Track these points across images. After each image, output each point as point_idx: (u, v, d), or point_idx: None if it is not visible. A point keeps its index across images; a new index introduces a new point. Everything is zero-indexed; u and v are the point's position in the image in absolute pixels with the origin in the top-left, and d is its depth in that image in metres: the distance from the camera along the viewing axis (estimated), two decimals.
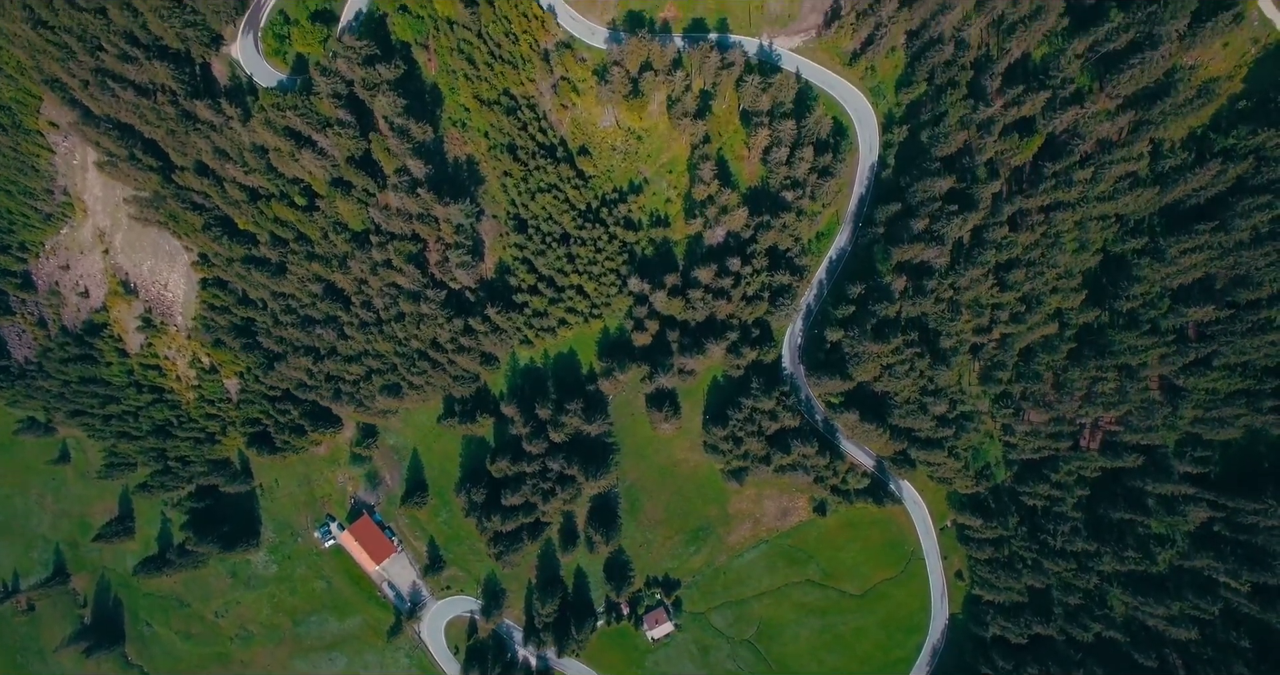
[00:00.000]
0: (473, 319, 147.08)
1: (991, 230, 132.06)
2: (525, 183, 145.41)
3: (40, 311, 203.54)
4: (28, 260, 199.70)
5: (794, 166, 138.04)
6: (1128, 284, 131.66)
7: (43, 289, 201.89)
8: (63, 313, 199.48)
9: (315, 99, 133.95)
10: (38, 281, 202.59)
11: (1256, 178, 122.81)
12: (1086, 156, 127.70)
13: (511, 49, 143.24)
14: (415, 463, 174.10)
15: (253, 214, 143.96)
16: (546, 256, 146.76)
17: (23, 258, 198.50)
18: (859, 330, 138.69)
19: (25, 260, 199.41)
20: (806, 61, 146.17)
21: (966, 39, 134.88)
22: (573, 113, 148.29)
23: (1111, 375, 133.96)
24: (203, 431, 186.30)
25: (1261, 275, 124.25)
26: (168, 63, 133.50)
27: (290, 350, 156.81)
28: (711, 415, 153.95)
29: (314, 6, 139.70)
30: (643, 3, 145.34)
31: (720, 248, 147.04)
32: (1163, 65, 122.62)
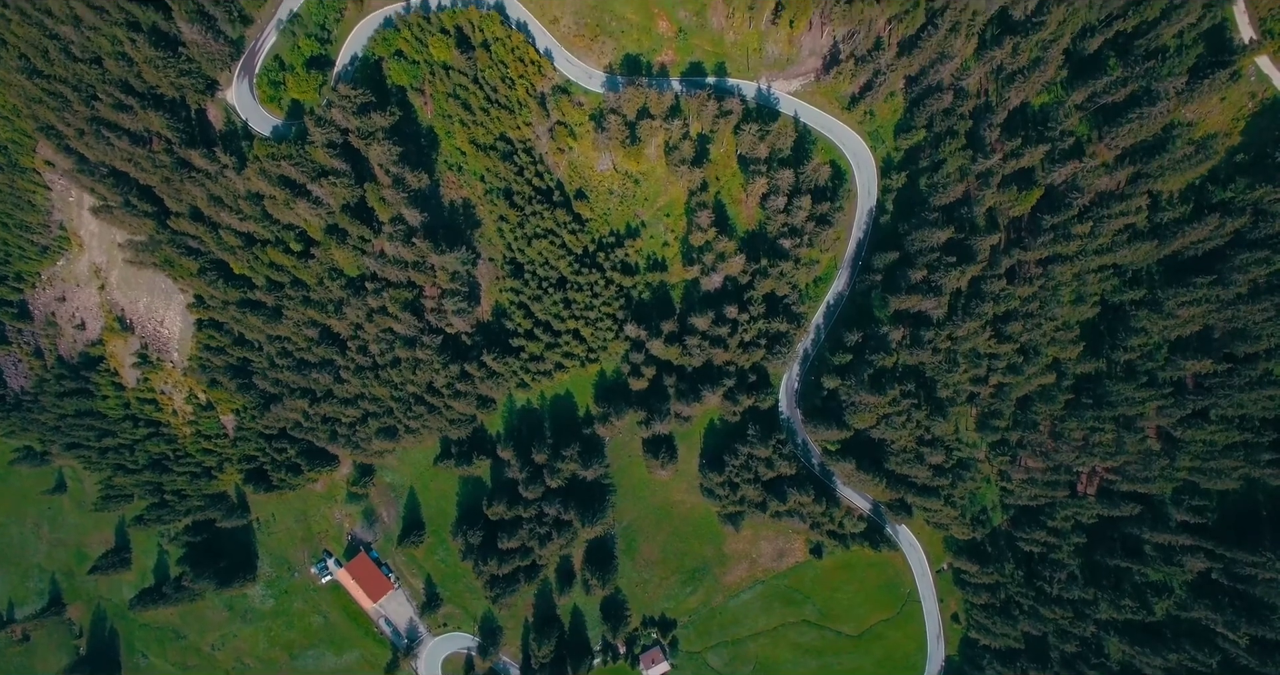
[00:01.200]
0: (469, 365, 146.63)
1: (989, 282, 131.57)
2: (521, 228, 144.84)
3: (36, 341, 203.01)
4: (23, 290, 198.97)
5: (792, 214, 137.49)
6: (1125, 335, 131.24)
7: (39, 319, 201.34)
8: (59, 343, 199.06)
9: (310, 148, 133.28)
10: (34, 311, 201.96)
11: (1254, 232, 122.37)
12: (1085, 209, 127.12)
13: (508, 93, 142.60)
14: (412, 501, 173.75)
15: (248, 259, 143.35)
16: (543, 301, 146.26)
17: (18, 288, 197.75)
18: (855, 379, 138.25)
19: (21, 290, 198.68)
20: (805, 105, 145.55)
21: (966, 88, 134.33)
22: (569, 156, 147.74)
23: (1109, 426, 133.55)
24: (199, 466, 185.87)
25: (1260, 329, 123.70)
26: (163, 112, 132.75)
27: (286, 392, 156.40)
28: (708, 459, 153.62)
29: (309, 52, 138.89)
30: (640, 47, 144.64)
31: (717, 293, 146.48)
32: (1161, 120, 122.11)
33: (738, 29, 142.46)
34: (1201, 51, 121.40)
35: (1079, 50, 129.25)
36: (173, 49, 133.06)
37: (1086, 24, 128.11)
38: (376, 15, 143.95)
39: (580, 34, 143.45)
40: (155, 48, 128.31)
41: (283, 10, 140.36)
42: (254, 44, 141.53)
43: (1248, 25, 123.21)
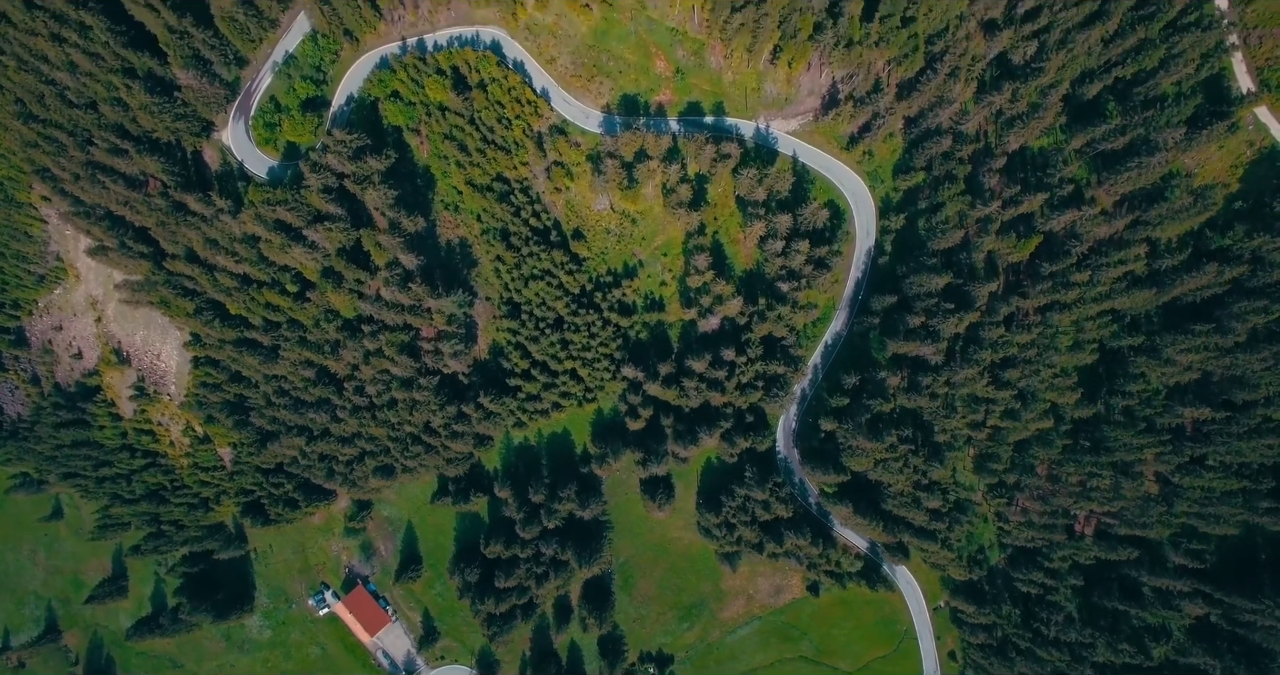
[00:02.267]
0: (465, 405, 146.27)
1: (987, 329, 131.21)
2: (518, 269, 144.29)
3: (33, 368, 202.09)
4: (20, 318, 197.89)
5: (789, 257, 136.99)
6: (1124, 381, 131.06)
7: (35, 346, 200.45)
8: (55, 370, 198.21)
9: (305, 192, 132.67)
10: (30, 339, 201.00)
11: (1253, 280, 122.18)
12: (1084, 257, 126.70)
13: (504, 134, 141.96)
14: (410, 534, 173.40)
15: (244, 300, 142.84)
16: (540, 342, 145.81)
17: (15, 315, 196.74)
18: (853, 423, 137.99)
19: (18, 317, 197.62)
20: (803, 144, 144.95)
21: (965, 131, 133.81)
22: (566, 196, 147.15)
23: (1106, 472, 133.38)
24: (196, 497, 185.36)
25: (1258, 378, 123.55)
26: (158, 155, 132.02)
27: (283, 430, 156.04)
28: (705, 498, 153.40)
29: (304, 94, 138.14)
30: (638, 86, 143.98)
31: (715, 335, 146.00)
32: (1160, 170, 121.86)
33: (736, 69, 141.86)
34: (1200, 102, 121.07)
35: (1078, 95, 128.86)
36: (168, 94, 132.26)
37: (1086, 70, 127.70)
38: (372, 55, 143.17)
39: (577, 74, 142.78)
40: (150, 94, 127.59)
41: (278, 52, 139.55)
42: (250, 85, 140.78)
43: (1245, 74, 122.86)
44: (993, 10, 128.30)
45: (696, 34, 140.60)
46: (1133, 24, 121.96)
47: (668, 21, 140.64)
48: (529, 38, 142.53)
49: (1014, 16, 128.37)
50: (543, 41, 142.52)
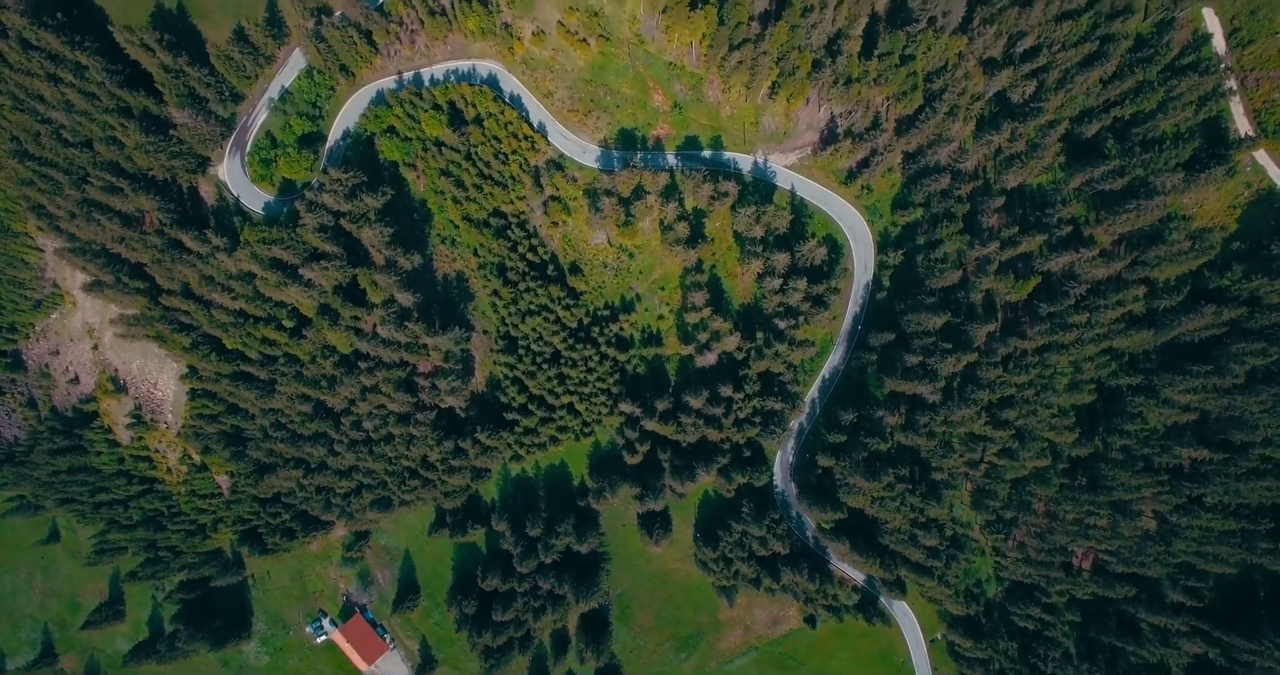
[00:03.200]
0: (462, 441, 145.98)
1: (985, 369, 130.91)
2: (515, 304, 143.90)
3: (30, 392, 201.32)
4: (17, 341, 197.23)
5: (787, 294, 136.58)
6: (1121, 420, 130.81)
7: (32, 370, 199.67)
8: (53, 394, 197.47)
9: (301, 230, 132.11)
10: (27, 362, 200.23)
11: (1251, 322, 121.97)
12: (1082, 298, 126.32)
13: (501, 169, 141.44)
14: (407, 563, 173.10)
15: (240, 336, 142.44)
16: (537, 377, 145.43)
17: (12, 339, 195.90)
18: (850, 461, 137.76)
19: (15, 341, 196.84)
20: (802, 178, 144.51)
21: (963, 169, 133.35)
22: (563, 230, 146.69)
23: (1104, 511, 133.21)
24: (194, 524, 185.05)
25: (1256, 419, 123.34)
26: (154, 194, 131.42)
27: (280, 462, 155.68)
28: (702, 533, 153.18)
29: (300, 131, 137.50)
30: (635, 121, 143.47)
31: (713, 370, 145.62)
32: (1158, 213, 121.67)
33: (734, 103, 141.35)
34: (1198, 145, 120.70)
35: (1077, 134, 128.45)
36: (164, 132, 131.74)
37: (1085, 109, 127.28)
38: (369, 89, 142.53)
39: (574, 109, 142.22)
40: (146, 133, 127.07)
41: (274, 88, 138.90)
42: (245, 120, 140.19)
43: (1243, 116, 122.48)
44: (991, 50, 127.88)
45: (694, 68, 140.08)
46: (1131, 66, 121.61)
47: (665, 56, 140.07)
48: (526, 72, 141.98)
49: (1013, 55, 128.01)
50: (540, 75, 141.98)
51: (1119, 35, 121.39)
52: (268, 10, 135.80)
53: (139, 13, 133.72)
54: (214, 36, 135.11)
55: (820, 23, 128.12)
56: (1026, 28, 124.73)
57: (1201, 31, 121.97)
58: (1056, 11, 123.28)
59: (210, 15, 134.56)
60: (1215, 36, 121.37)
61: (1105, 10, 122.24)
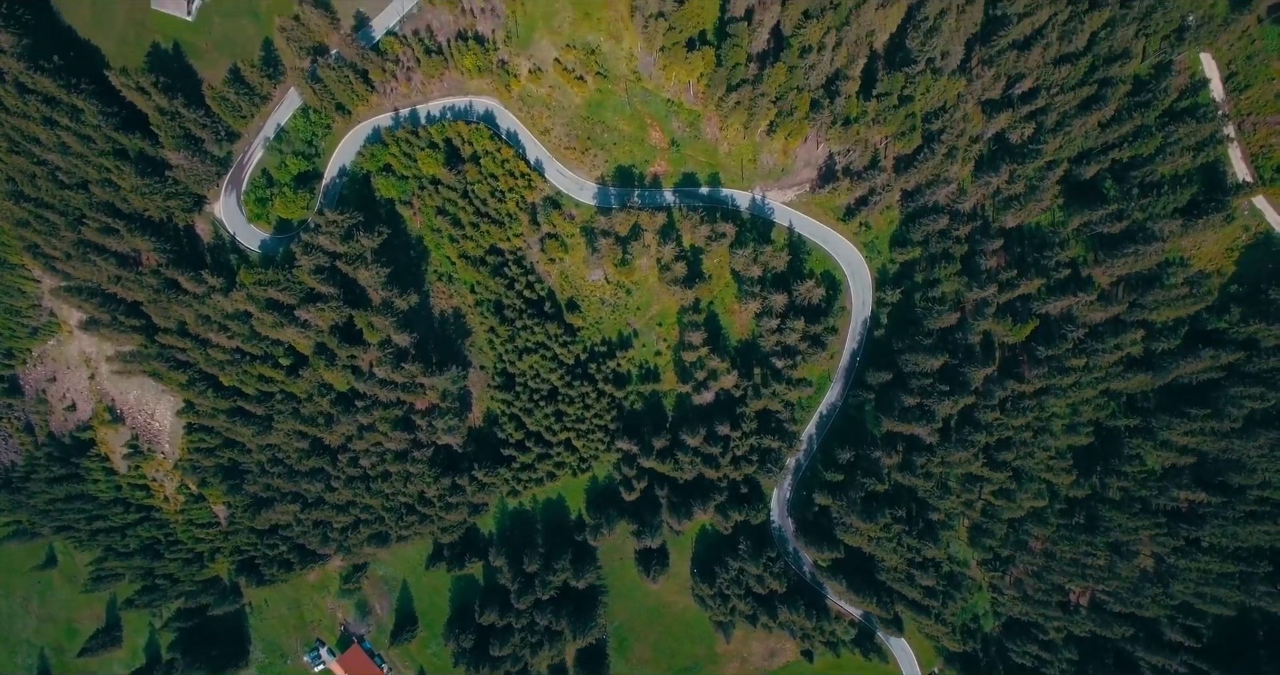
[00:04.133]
0: (460, 478, 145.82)
1: (983, 412, 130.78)
2: (512, 342, 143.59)
3: (27, 417, 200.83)
4: (14, 366, 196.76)
5: (785, 334, 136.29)
6: (1119, 462, 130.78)
7: (29, 395, 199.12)
8: (49, 420, 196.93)
9: (298, 271, 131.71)
10: (24, 387, 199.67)
11: (1249, 365, 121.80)
12: (1080, 342, 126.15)
13: (497, 207, 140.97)
14: (405, 594, 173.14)
15: (237, 374, 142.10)
16: (534, 414, 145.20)
17: (9, 364, 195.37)
18: (847, 500, 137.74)
19: (12, 366, 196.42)
20: (800, 215, 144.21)
21: (962, 210, 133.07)
22: (560, 266, 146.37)
23: (1102, 552, 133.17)
24: (191, 552, 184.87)
25: (1255, 463, 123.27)
26: (150, 234, 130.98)
27: (277, 496, 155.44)
28: (700, 568, 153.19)
29: (295, 170, 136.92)
30: (632, 158, 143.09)
31: (710, 407, 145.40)
32: (1156, 258, 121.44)
33: (732, 140, 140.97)
34: (1196, 190, 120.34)
35: (1076, 174, 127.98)
36: (159, 173, 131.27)
37: (1084, 150, 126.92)
38: (365, 126, 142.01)
39: (571, 146, 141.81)
40: (141, 176, 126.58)
41: (269, 126, 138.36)
42: (242, 158, 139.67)
43: (1241, 160, 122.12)
44: (990, 91, 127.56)
45: (692, 105, 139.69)
46: (1130, 110, 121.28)
47: (663, 93, 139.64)
48: (523, 108, 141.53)
49: (1011, 97, 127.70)
50: (536, 112, 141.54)
51: (1117, 79, 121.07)
52: (263, 49, 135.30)
53: (135, 53, 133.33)
54: (210, 76, 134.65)
55: (818, 63, 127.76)
56: (1025, 70, 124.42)
57: (1199, 76, 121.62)
58: (1055, 55, 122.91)
59: (206, 55, 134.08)
60: (1213, 81, 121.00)
61: (1103, 54, 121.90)
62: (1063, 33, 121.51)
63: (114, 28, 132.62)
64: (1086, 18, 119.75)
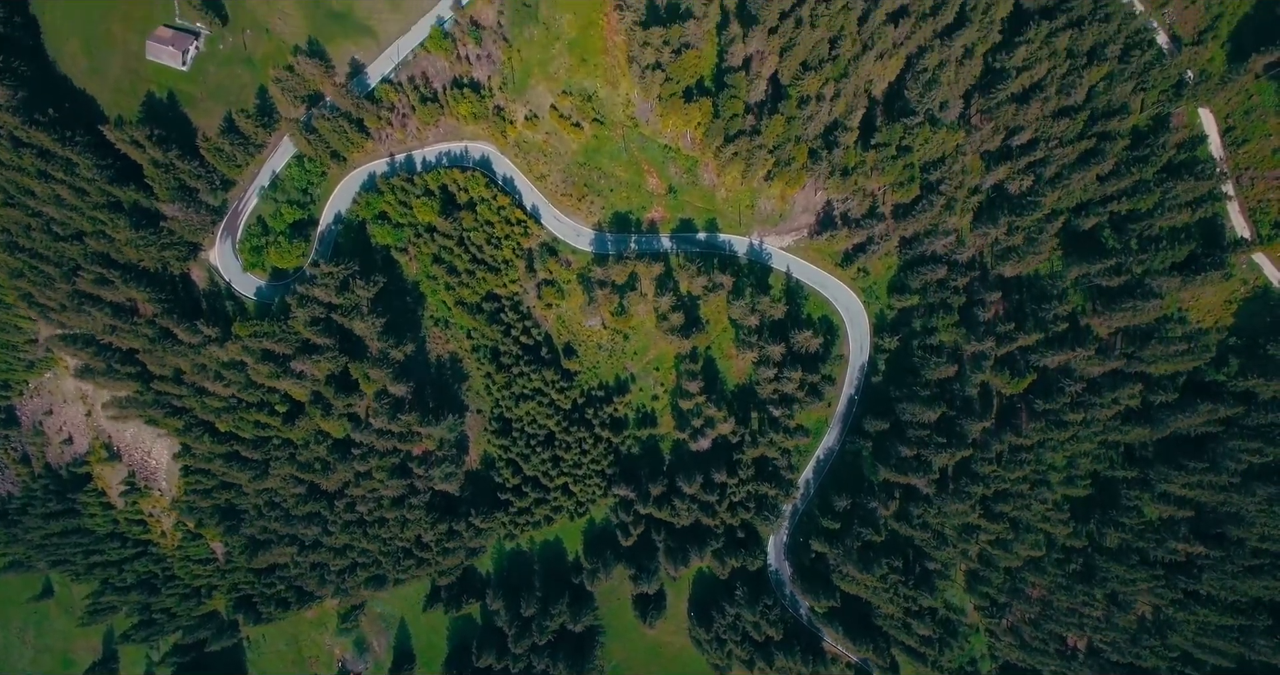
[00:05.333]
0: (456, 523, 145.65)
1: (979, 464, 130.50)
2: (509, 388, 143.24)
3: (24, 447, 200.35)
4: (11, 397, 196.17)
5: (782, 383, 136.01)
6: (1117, 512, 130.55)
7: (26, 426, 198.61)
8: (46, 451, 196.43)
9: (293, 321, 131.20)
10: (21, 418, 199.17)
11: (1247, 419, 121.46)
12: (1078, 395, 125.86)
13: (494, 253, 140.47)
14: (403, 631, 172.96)
15: (233, 420, 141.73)
16: (531, 460, 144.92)
17: (6, 395, 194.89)
18: (843, 549, 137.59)
19: (8, 397, 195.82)
20: (797, 260, 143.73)
21: (960, 261, 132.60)
22: (557, 311, 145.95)
23: (1100, 602, 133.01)
24: (188, 587, 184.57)
25: (1253, 517, 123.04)
26: (145, 285, 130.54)
27: (274, 538, 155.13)
28: (696, 611, 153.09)
29: (291, 219, 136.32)
30: (629, 204, 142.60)
31: (707, 454, 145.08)
32: (1155, 313, 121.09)
33: (730, 186, 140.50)
34: (1195, 246, 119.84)
35: (1075, 225, 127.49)
36: (154, 224, 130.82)
37: (1083, 202, 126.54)
38: (361, 171, 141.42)
39: (568, 193, 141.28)
40: (136, 229, 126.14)
41: (264, 173, 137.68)
42: (237, 204, 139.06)
43: (1239, 214, 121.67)
44: (989, 143, 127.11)
45: (689, 151, 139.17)
46: (1128, 164, 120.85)
47: (660, 139, 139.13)
48: (519, 154, 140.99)
49: (1010, 148, 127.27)
50: (533, 159, 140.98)
51: (1115, 133, 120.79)
52: (258, 97, 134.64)
53: (130, 103, 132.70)
54: (204, 125, 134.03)
55: (816, 114, 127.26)
56: (1024, 122, 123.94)
57: (1198, 130, 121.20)
58: (1054, 108, 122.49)
59: (200, 104, 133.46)
60: (1211, 136, 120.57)
61: (1101, 107, 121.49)
62: (1061, 86, 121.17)
63: (109, 77, 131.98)
64: (1085, 72, 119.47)
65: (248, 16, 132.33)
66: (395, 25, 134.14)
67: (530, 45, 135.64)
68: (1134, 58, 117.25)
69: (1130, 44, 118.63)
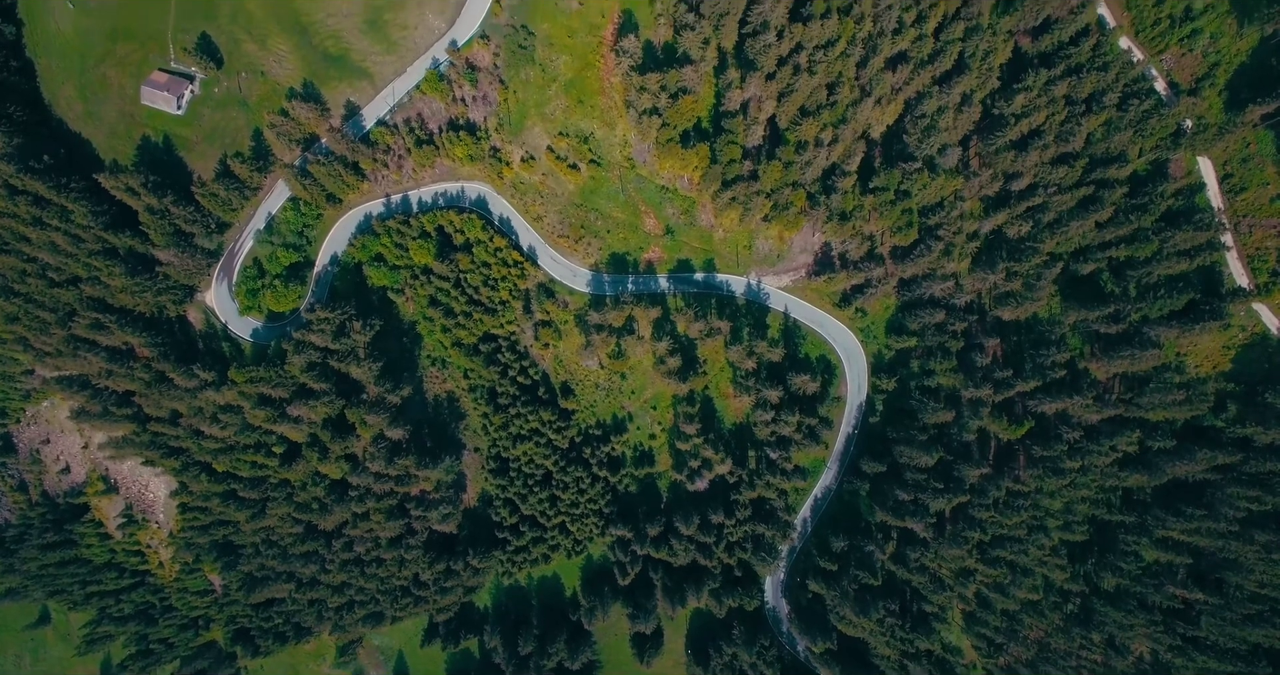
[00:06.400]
0: (454, 562, 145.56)
1: (977, 510, 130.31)
2: (506, 429, 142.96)
3: (20, 475, 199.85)
4: (8, 425, 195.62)
5: (779, 426, 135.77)
6: (1114, 557, 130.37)
7: (23, 454, 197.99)
8: (44, 479, 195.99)
9: (289, 366, 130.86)
10: (18, 445, 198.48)
11: (1247, 467, 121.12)
12: (1076, 443, 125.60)
13: (490, 295, 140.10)
14: (401, 664, 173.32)
15: (230, 461, 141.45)
16: (529, 500, 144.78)
17: (3, 422, 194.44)
18: (840, 590, 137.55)
19: (5, 425, 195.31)
20: (795, 299, 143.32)
21: (958, 305, 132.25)
22: (555, 350, 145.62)
23: (1098, 646, 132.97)
24: (186, 618, 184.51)
25: (1252, 563, 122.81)
26: (140, 330, 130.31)
27: (272, 575, 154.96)
28: (694, 649, 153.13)
29: (286, 262, 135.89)
30: (627, 245, 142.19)
31: (704, 494, 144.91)
32: (1153, 362, 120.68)
33: (727, 227, 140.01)
34: (1194, 296, 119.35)
35: (1073, 270, 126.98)
36: (150, 269, 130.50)
37: (1081, 247, 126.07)
38: (357, 211, 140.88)
39: (565, 234, 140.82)
40: (131, 275, 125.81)
41: (260, 216, 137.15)
42: (233, 246, 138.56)
43: (1237, 260, 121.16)
44: (987, 189, 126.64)
45: (687, 192, 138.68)
46: (1127, 212, 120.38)
47: (657, 179, 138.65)
48: (515, 195, 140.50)
49: (1009, 193, 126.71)
50: (529, 200, 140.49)
51: (1114, 181, 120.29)
52: (253, 139, 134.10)
53: (126, 146, 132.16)
54: (200, 168, 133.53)
55: (815, 159, 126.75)
56: (1022, 169, 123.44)
57: (1196, 177, 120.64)
58: (1052, 155, 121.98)
59: (195, 147, 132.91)
60: (1209, 183, 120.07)
61: (1099, 154, 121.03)
62: (1060, 134, 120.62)
63: (105, 121, 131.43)
64: (1083, 120, 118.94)
65: (243, 59, 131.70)
66: (391, 67, 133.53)
67: (526, 86, 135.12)
68: (1132, 106, 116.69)
69: (1128, 93, 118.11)
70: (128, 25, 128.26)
